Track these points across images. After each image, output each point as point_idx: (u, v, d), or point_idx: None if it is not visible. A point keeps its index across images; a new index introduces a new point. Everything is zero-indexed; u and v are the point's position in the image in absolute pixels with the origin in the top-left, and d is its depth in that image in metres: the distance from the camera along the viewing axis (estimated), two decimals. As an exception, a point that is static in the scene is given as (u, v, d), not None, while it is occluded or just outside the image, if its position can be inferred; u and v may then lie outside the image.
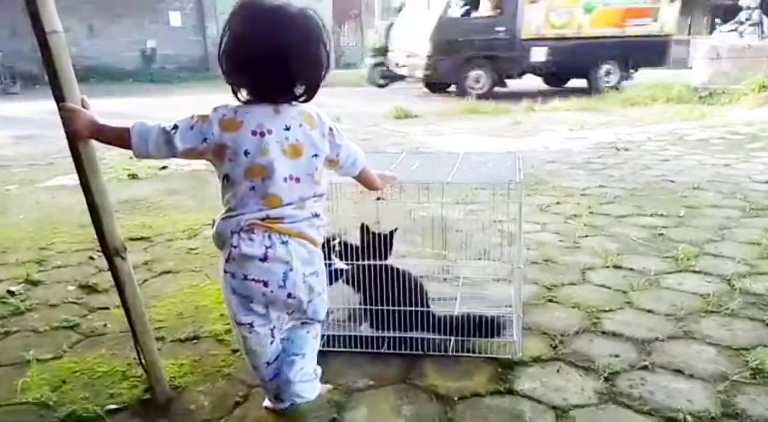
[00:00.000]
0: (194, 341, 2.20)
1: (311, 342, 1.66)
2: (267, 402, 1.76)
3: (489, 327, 2.05)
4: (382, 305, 2.06)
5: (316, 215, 1.54)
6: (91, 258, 3.07)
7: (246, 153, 1.45)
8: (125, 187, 4.79)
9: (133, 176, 5.18)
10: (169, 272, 2.91)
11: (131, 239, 3.29)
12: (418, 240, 2.89)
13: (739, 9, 12.18)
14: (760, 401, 1.73)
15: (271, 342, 1.61)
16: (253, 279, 1.48)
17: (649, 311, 2.34)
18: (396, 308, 2.05)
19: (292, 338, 1.65)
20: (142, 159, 1.58)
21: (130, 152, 1.50)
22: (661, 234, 3.25)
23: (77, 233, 3.47)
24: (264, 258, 1.46)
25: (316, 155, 1.51)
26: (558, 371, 1.93)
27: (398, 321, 2.06)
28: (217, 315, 2.39)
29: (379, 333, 2.07)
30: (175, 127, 1.48)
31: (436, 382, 1.88)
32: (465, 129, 7.68)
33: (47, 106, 1.64)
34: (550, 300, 2.46)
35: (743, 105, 8.94)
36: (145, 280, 2.78)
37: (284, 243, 1.48)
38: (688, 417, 1.66)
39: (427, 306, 2.11)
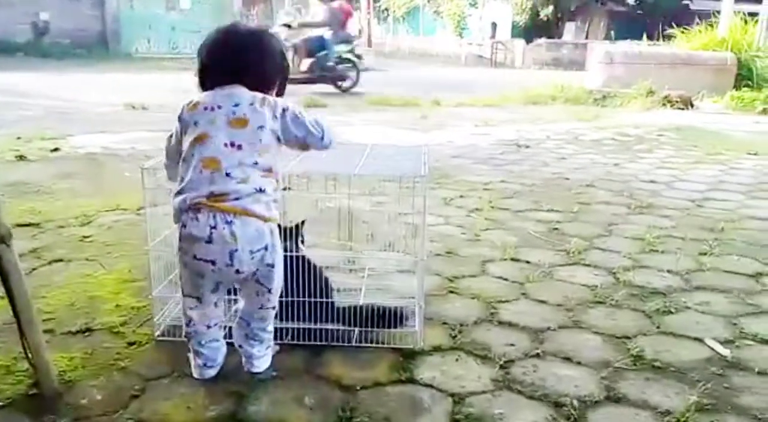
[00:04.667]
0: (86, 333, 2.10)
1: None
2: (195, 372, 1.82)
3: (392, 317, 2.09)
4: (285, 296, 2.04)
5: (261, 190, 1.60)
6: (-28, 244, 2.86)
7: (196, 123, 1.63)
8: (12, 169, 4.47)
9: (22, 157, 4.84)
10: (60, 260, 2.76)
11: (18, 225, 3.08)
12: (325, 231, 2.90)
13: (635, 14, 12.89)
14: (638, 385, 1.87)
15: (215, 307, 1.76)
16: (202, 259, 1.58)
17: (542, 302, 2.46)
18: (300, 299, 2.04)
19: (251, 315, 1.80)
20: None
21: (18, 132, 1.47)
22: (556, 229, 3.43)
23: (-44, 217, 3.21)
24: (209, 240, 1.55)
25: (261, 127, 1.63)
26: (457, 360, 2.00)
27: (302, 312, 2.05)
28: (112, 306, 2.29)
29: (283, 324, 2.05)
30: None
31: (339, 372, 1.90)
32: (373, 121, 7.73)
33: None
34: (452, 292, 2.54)
35: (633, 108, 9.54)
36: (33, 269, 2.62)
37: (228, 222, 1.55)
38: (575, 401, 1.76)
39: (331, 297, 2.12)
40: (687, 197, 4.24)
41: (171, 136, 1.76)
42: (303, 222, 2.15)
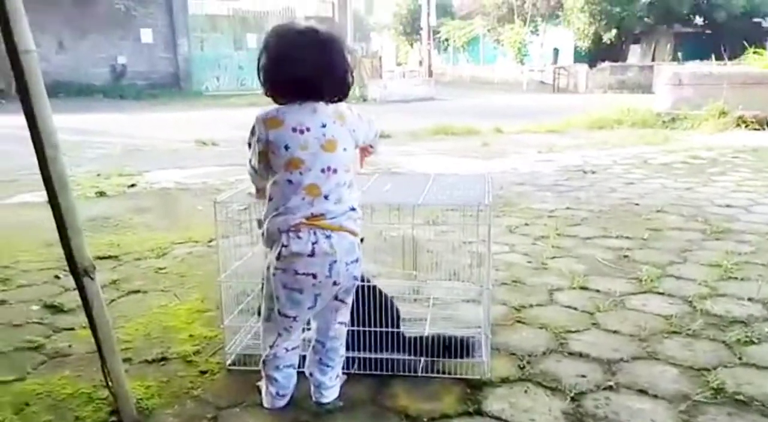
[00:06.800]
0: (162, 362, 2.17)
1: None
2: (265, 401, 1.87)
3: (458, 347, 2.07)
4: (357, 325, 2.06)
5: (353, 209, 1.72)
6: (57, 277, 3.02)
7: (286, 147, 1.64)
8: (93, 205, 4.72)
9: (101, 193, 5.11)
10: (137, 292, 2.88)
11: (99, 257, 3.25)
12: (389, 261, 2.91)
13: (703, 35, 12.57)
14: (719, 420, 1.78)
15: (297, 328, 1.83)
16: (304, 273, 1.66)
17: (614, 332, 2.39)
18: (369, 329, 2.05)
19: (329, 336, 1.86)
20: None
21: (97, 169, 1.55)
22: (626, 256, 3.33)
23: (42, 252, 3.41)
24: (312, 254, 1.65)
25: (345, 149, 1.70)
26: (526, 391, 1.96)
27: (370, 341, 2.06)
28: (185, 336, 2.37)
29: (350, 354, 2.07)
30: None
31: (405, 403, 1.89)
32: (436, 150, 7.76)
33: (14, 121, 1.63)
34: (519, 321, 2.49)
35: (704, 130, 9.21)
36: (113, 300, 2.74)
37: (328, 237, 1.65)
38: (652, 437, 1.70)
39: (398, 327, 2.12)
40: (767, 221, 4.04)
41: (249, 144, 1.72)
42: None
